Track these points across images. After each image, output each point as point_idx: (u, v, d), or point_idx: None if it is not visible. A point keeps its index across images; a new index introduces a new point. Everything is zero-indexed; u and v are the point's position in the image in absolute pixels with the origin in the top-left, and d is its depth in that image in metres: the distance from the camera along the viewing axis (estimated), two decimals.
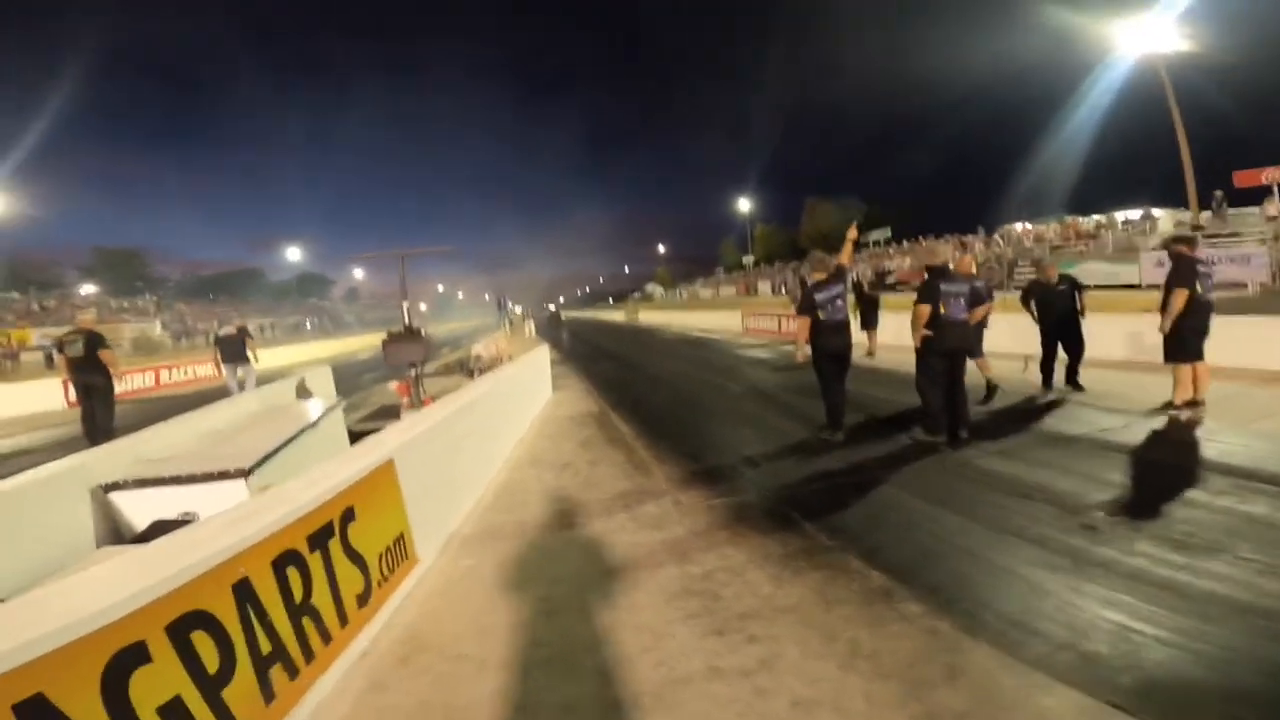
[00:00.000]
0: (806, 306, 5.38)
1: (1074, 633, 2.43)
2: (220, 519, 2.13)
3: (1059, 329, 6.95)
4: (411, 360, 7.06)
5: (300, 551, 2.24)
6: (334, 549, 2.46)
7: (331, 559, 2.43)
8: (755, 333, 19.61)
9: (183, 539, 1.94)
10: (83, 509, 3.29)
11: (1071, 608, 2.63)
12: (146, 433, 4.18)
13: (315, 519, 2.35)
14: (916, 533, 3.53)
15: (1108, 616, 2.53)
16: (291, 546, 2.19)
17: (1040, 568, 3.01)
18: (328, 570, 2.40)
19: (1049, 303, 7.01)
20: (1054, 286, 6.99)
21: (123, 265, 57.97)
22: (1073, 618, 2.54)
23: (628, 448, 5.76)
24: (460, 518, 4.05)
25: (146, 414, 11.38)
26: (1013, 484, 4.19)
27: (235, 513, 2.19)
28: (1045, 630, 2.47)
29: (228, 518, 2.13)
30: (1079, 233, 24.00)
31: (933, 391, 5.22)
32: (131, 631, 1.52)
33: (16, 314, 32.36)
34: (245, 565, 1.95)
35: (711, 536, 3.60)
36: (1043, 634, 2.44)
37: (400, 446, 3.19)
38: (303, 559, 2.24)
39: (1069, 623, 2.51)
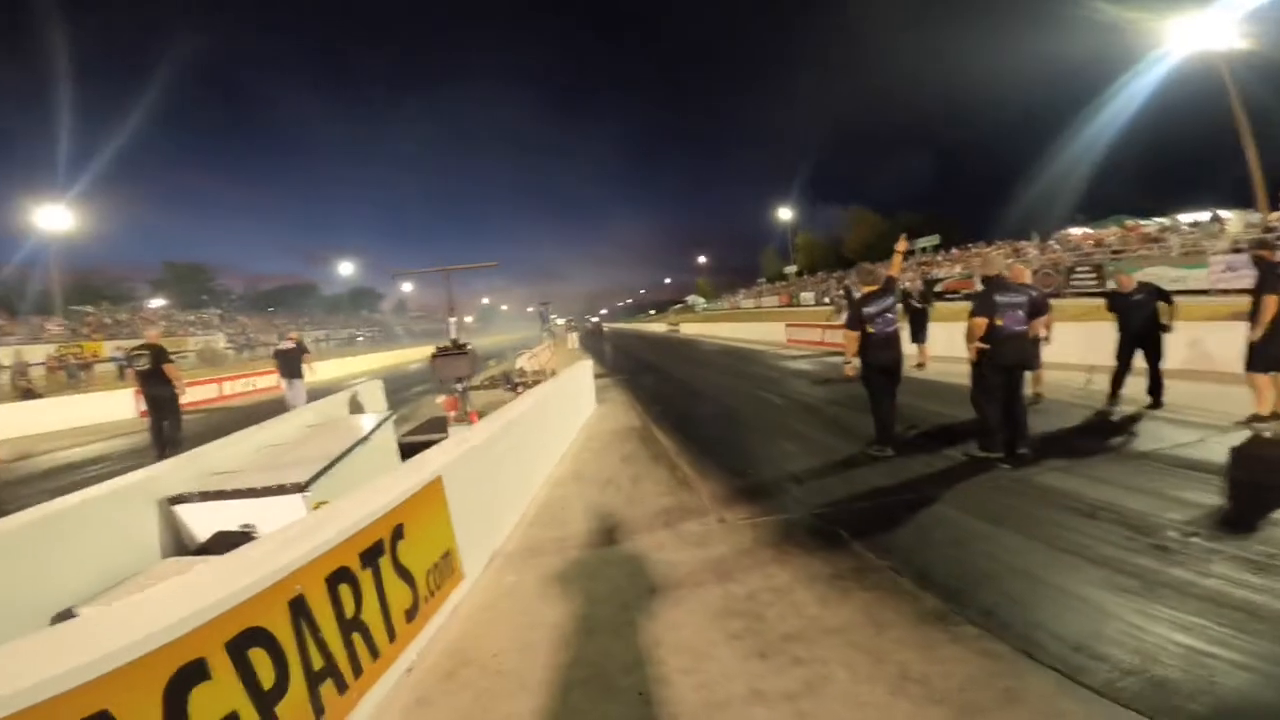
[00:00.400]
0: (855, 320, 5.28)
1: (1142, 657, 2.33)
2: (278, 536, 2.21)
3: (1136, 341, 6.60)
4: (459, 376, 7.20)
5: (353, 569, 2.31)
6: (384, 566, 2.53)
7: (382, 576, 2.49)
8: (798, 344, 19.36)
9: (242, 557, 2.02)
10: (150, 520, 3.45)
11: (1140, 631, 2.51)
12: (210, 447, 4.37)
13: (367, 536, 2.42)
14: (971, 553, 3.41)
15: (1179, 640, 2.42)
16: (345, 564, 2.26)
17: (1106, 589, 2.89)
18: (378, 587, 2.46)
19: (1124, 313, 6.68)
20: (1129, 296, 6.64)
21: (189, 279, 61.10)
22: (1141, 642, 2.44)
23: (670, 463, 5.74)
24: (504, 534, 4.10)
25: (211, 424, 12.03)
26: (1076, 502, 4.02)
27: (291, 530, 2.26)
28: (1110, 654, 2.36)
29: (285, 535, 2.21)
30: (1141, 236, 22.93)
31: (990, 407, 5.03)
32: (193, 649, 1.59)
33: (91, 327, 34.26)
34: (301, 582, 2.02)
35: (756, 555, 3.56)
36: (1108, 658, 2.34)
37: (448, 464, 3.26)
38: (355, 576, 2.31)
39: (1137, 647, 2.40)
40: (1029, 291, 5.07)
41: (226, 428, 5.18)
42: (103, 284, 53.94)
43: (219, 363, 31.30)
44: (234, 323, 47.27)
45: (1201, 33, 18.92)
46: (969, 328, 5.00)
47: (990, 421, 5.02)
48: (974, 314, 4.98)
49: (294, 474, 3.65)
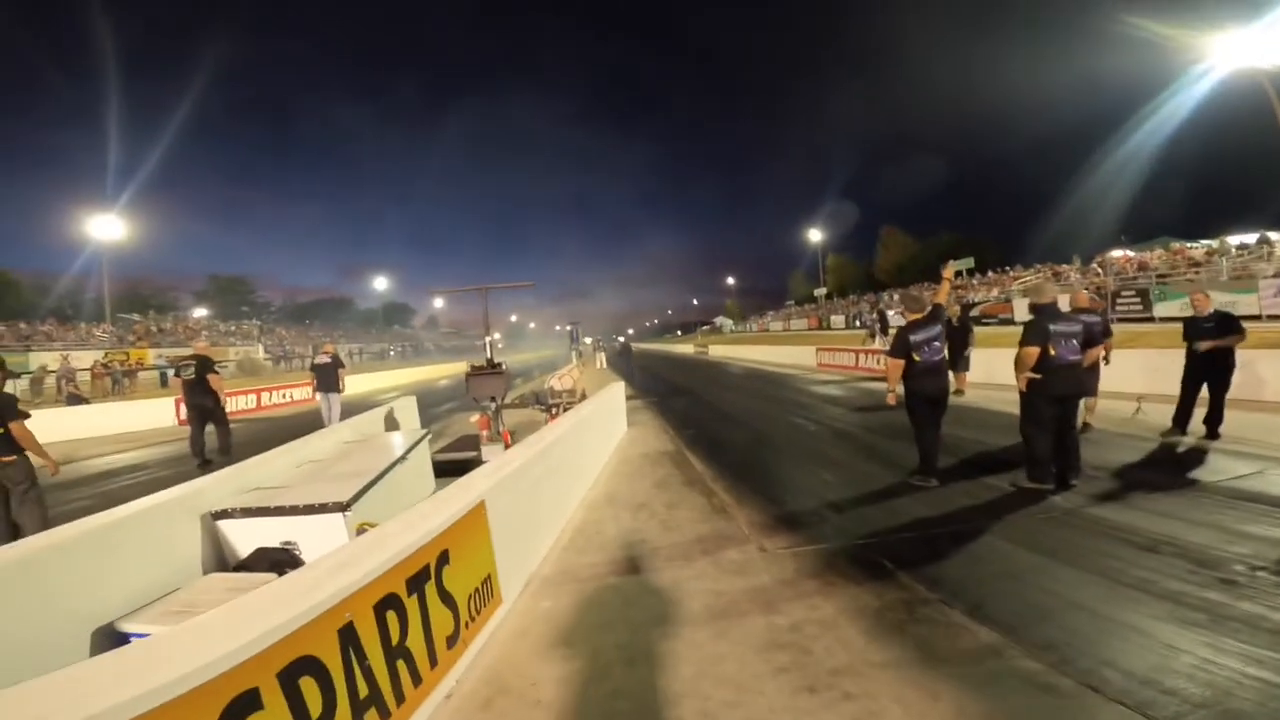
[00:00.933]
0: (900, 348, 5.15)
1: (1215, 691, 2.25)
2: (327, 563, 2.19)
3: (1201, 369, 6.22)
4: (492, 394, 7.23)
5: (400, 595, 2.29)
6: (429, 592, 2.51)
7: (427, 602, 2.47)
8: (829, 368, 19.09)
9: (293, 583, 2.01)
10: (193, 535, 3.50)
11: (1210, 665, 2.42)
12: (252, 462, 4.45)
13: (414, 563, 2.40)
14: (1025, 586, 3.29)
15: (1253, 674, 2.34)
16: (393, 590, 2.24)
17: (1171, 623, 2.78)
18: (423, 613, 2.44)
19: (1192, 339, 6.27)
20: (1200, 321, 6.25)
21: (231, 291, 63.13)
22: (1212, 675, 2.35)
23: (706, 489, 5.65)
24: (540, 556, 4.07)
25: (251, 434, 12.28)
26: (1134, 535, 3.88)
27: (341, 556, 2.25)
28: (1181, 689, 2.28)
29: (335, 561, 2.20)
30: (1188, 259, 22.26)
31: (1041, 438, 4.85)
32: (246, 679, 1.57)
33: (137, 335, 35.41)
34: (351, 609, 2.01)
35: (799, 586, 3.46)
36: (1178, 692, 2.26)
37: (491, 489, 3.25)
38: (401, 602, 2.29)
39: (1208, 680, 2.32)
40: (1087, 319, 4.91)
41: (268, 439, 5.28)
42: (150, 293, 56.09)
43: (258, 373, 32.03)
44: (272, 334, 48.45)
45: (1246, 48, 18.39)
46: (1019, 357, 4.84)
47: (1040, 454, 4.85)
48: (1026, 343, 4.81)
49: (335, 492, 3.68)
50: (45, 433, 5.16)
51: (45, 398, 19.57)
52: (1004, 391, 10.30)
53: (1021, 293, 25.55)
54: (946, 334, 10.68)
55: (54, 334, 32.44)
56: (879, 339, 19.82)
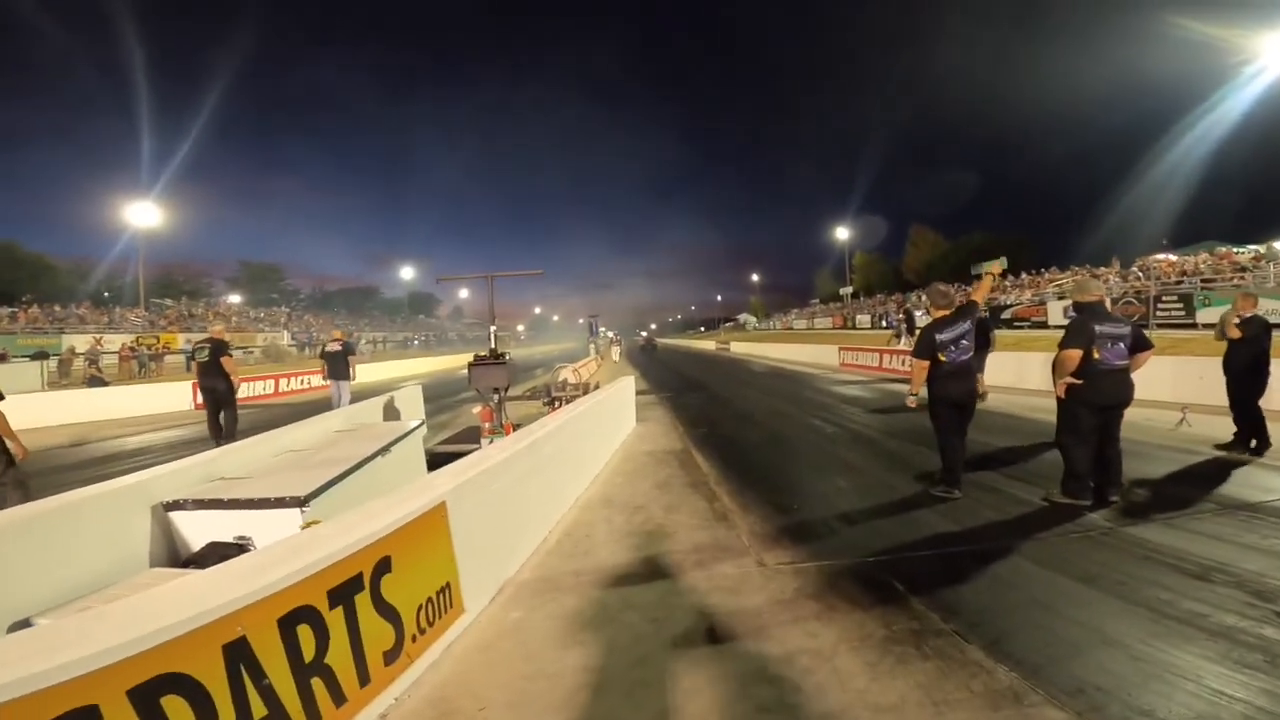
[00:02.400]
0: (925, 348, 4.72)
1: None
2: (226, 571, 1.93)
3: (1240, 376, 5.83)
4: (496, 386, 6.96)
5: (317, 607, 1.99)
6: (361, 604, 2.20)
7: (357, 614, 2.17)
8: (852, 368, 18.55)
9: (177, 593, 1.74)
10: (142, 526, 3.26)
11: (1269, 717, 2.08)
12: (229, 448, 4.23)
13: (340, 572, 2.10)
14: (1055, 617, 2.90)
15: None
16: (306, 603, 1.95)
17: (1224, 664, 2.42)
18: (350, 627, 2.14)
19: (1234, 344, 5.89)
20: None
21: (261, 278, 64.19)
22: None
23: (709, 492, 5.28)
24: (519, 560, 3.75)
25: (264, 420, 12.21)
26: (1182, 560, 3.46)
27: (240, 565, 1.98)
28: None
29: (235, 570, 1.93)
30: (1234, 264, 21.14)
31: (1079, 450, 4.40)
32: (86, 693, 1.34)
33: (168, 319, 36.10)
34: (243, 623, 1.72)
35: (797, 608, 3.09)
36: None
37: (456, 488, 2.93)
38: (318, 615, 1.99)
39: None
40: (1128, 323, 4.44)
41: (277, 424, 5.12)
42: (184, 279, 57.31)
43: (281, 359, 32.42)
44: (299, 321, 49.10)
45: None
46: (1060, 361, 4.38)
47: (1078, 467, 4.40)
48: (1067, 345, 4.34)
49: (296, 485, 3.42)
50: (65, 413, 5.13)
51: (73, 379, 19.92)
52: (1030, 396, 9.78)
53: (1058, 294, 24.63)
54: None
55: (87, 317, 33.20)
56: (905, 339, 19.21)
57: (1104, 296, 4.58)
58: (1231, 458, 5.61)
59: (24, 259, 43.44)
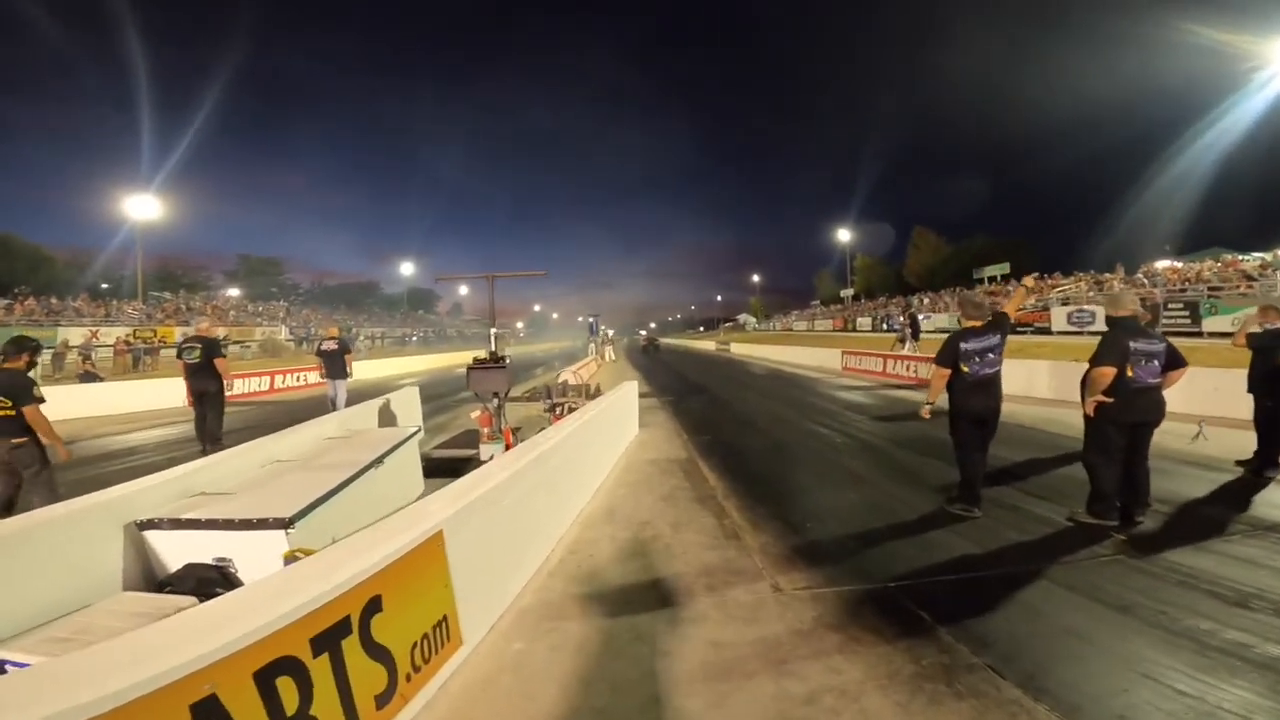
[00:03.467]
0: (948, 355, 4.50)
1: None
2: (193, 620, 1.73)
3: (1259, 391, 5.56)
4: (495, 390, 6.75)
5: (299, 657, 1.78)
6: (349, 648, 1.99)
7: (344, 660, 1.96)
8: (854, 372, 18.34)
9: (136, 647, 1.53)
10: (114, 546, 3.06)
11: None
12: (210, 460, 4.01)
13: (324, 617, 1.89)
14: (1091, 649, 2.73)
15: None
16: (286, 654, 1.74)
17: (1274, 698, 2.29)
18: (338, 673, 1.93)
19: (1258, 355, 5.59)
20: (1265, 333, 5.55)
21: (260, 272, 63.91)
22: None
23: (718, 507, 5.06)
24: (520, 584, 3.53)
25: (256, 418, 12.03)
26: (1216, 585, 3.31)
27: (214, 612, 1.78)
28: None
29: (204, 619, 1.73)
30: (1240, 272, 20.94)
31: (1107, 470, 4.22)
32: None
33: (166, 312, 35.78)
34: (214, 679, 1.51)
35: (818, 640, 2.89)
36: None
37: (453, 516, 2.72)
38: (301, 665, 1.78)
39: None
40: (1162, 339, 4.23)
41: (274, 425, 4.91)
42: (181, 272, 57.00)
43: (279, 354, 32.17)
44: (298, 316, 48.79)
45: None
46: (1092, 378, 4.18)
47: (1106, 486, 4.22)
48: (1101, 361, 4.14)
49: (280, 505, 3.19)
50: (56, 411, 4.95)
51: (66, 374, 19.66)
52: (1041, 407, 9.58)
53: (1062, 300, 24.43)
54: None
55: (84, 309, 32.91)
56: (909, 345, 19.01)
57: (1138, 310, 4.37)
58: (1259, 476, 5.39)
59: (21, 250, 43.14)
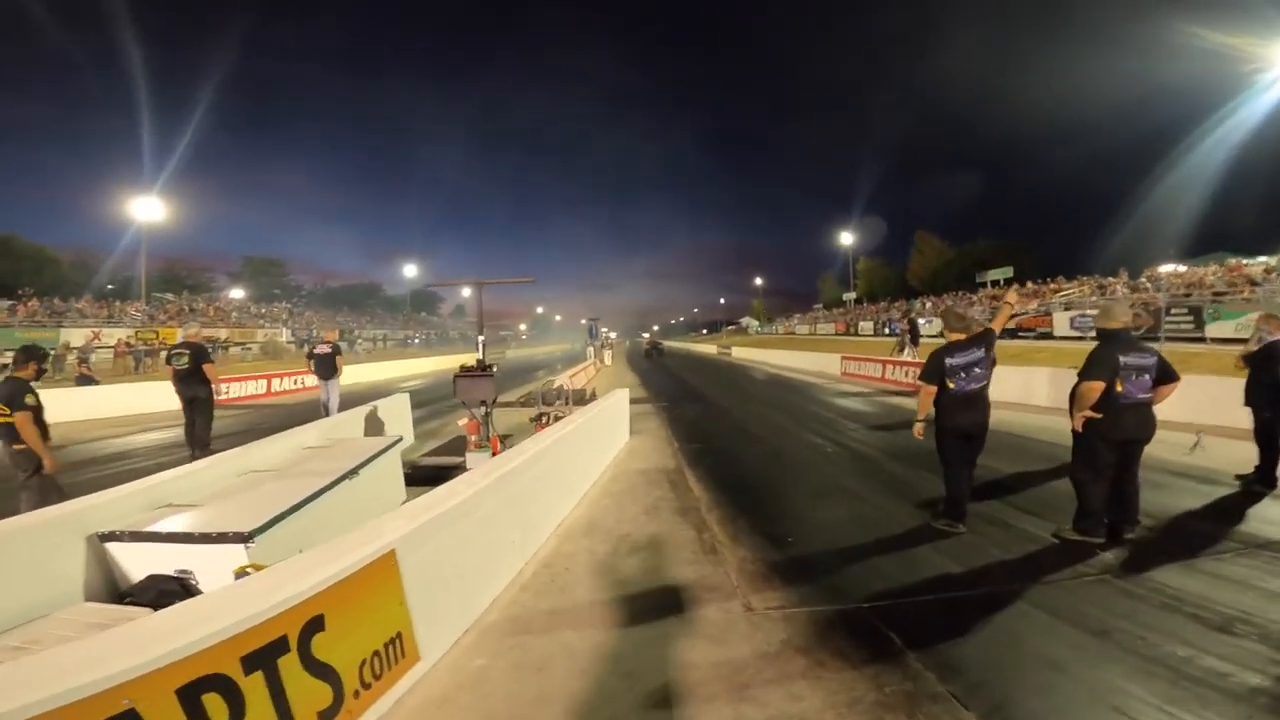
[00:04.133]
0: (933, 372, 4.41)
1: None
2: (120, 635, 1.72)
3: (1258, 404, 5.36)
4: (481, 398, 6.71)
5: (228, 675, 1.77)
6: (287, 665, 1.96)
7: (281, 678, 1.93)
8: (854, 378, 18.25)
9: (59, 660, 1.52)
10: (76, 558, 3.04)
11: None
12: (179, 471, 3.97)
13: (256, 637, 1.86)
14: (1063, 678, 2.65)
15: None
16: (213, 671, 1.72)
17: None
18: (274, 691, 1.91)
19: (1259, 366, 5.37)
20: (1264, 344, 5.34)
21: (264, 274, 64.07)
22: None
23: (699, 520, 4.98)
24: (490, 597, 3.48)
25: (250, 422, 12.03)
26: (1201, 608, 3.22)
27: (138, 631, 1.76)
28: None
29: (131, 636, 1.71)
30: (1246, 277, 20.75)
31: (1095, 487, 4.13)
32: None
33: (169, 314, 35.86)
34: (132, 695, 1.51)
35: (784, 663, 2.82)
36: None
37: (408, 535, 2.67)
38: (231, 683, 1.77)
39: None
40: (1153, 353, 4.14)
41: (264, 428, 4.89)
42: (186, 273, 57.20)
43: (280, 356, 32.23)
44: (301, 318, 48.90)
45: None
46: (1080, 393, 4.09)
47: (1093, 504, 4.14)
48: (1090, 376, 4.05)
49: (242, 518, 3.15)
50: (53, 412, 4.98)
51: (65, 376, 19.69)
52: (1037, 415, 9.48)
53: (1064, 305, 24.30)
54: None
55: (87, 311, 33.03)
56: (909, 350, 18.91)
57: (1130, 323, 4.26)
58: (1253, 490, 5.28)
59: (25, 251, 43.30)
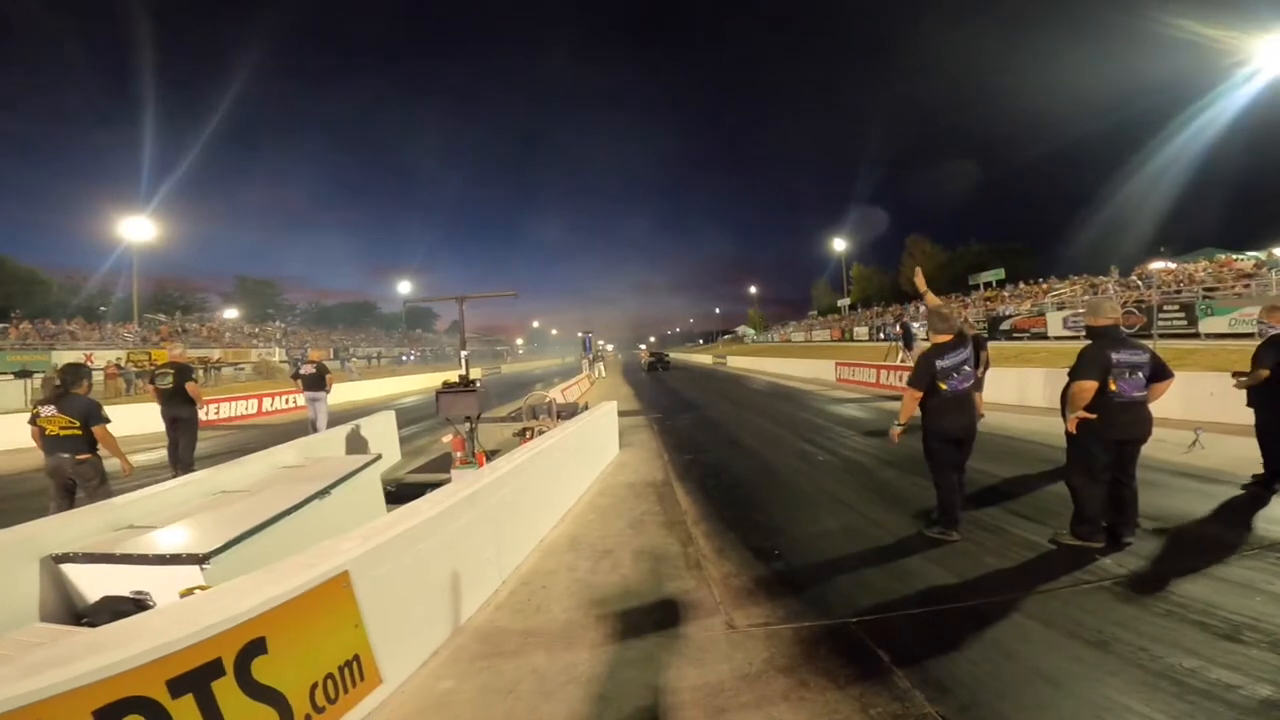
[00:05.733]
0: (923, 377, 4.28)
1: None
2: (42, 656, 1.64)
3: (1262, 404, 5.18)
4: (465, 414, 6.57)
5: (153, 698, 1.69)
6: (223, 689, 1.86)
7: (217, 702, 1.84)
8: (849, 384, 18.16)
9: None
10: (27, 579, 2.97)
11: None
12: (145, 493, 3.84)
13: (185, 660, 1.79)
14: (1060, 695, 2.51)
15: None
16: (136, 694, 1.65)
17: None
18: (208, 714, 1.82)
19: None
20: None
21: (257, 294, 64.00)
22: None
23: (685, 534, 4.83)
24: (462, 617, 3.33)
25: (238, 442, 11.83)
26: (1208, 616, 3.07)
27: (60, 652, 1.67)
28: None
29: (51, 657, 1.63)
30: (1236, 272, 20.76)
31: (1091, 490, 4.00)
32: None
33: (161, 335, 35.67)
34: (42, 715, 1.47)
35: (765, 684, 2.67)
36: None
37: (362, 556, 2.55)
38: (157, 706, 1.70)
39: None
40: (1146, 349, 4.02)
41: (250, 448, 4.78)
42: (178, 294, 57.08)
43: (272, 376, 32.01)
44: (294, 337, 48.75)
45: None
46: (1072, 393, 3.97)
47: (1090, 508, 4.00)
48: (1080, 375, 3.93)
49: (200, 539, 3.04)
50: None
51: None
52: (1033, 416, 9.37)
53: (1057, 305, 24.30)
54: None
55: (79, 333, 32.87)
56: (903, 354, 18.84)
57: (1120, 319, 4.14)
58: (1256, 490, 5.12)
59: (15, 273, 43.16)
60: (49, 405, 4.86)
